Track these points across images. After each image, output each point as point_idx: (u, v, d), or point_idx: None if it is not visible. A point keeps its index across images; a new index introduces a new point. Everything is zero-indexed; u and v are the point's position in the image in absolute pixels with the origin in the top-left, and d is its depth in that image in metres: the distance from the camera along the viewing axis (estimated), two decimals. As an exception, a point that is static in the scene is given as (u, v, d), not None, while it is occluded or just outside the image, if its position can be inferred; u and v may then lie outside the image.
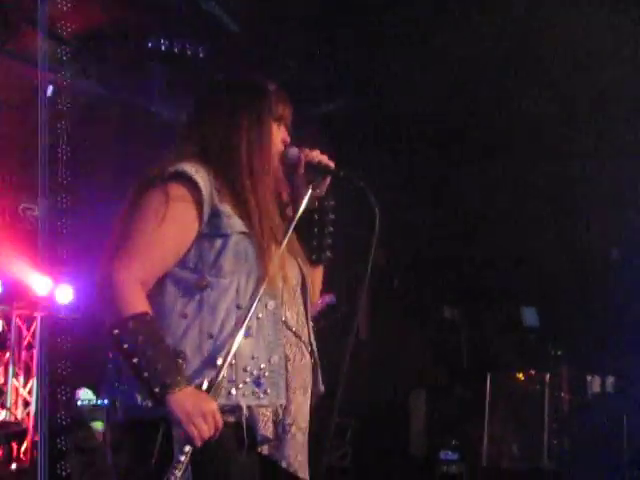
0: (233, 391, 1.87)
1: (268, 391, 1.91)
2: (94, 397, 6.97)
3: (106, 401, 2.87)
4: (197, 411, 1.77)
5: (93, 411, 6.81)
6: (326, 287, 2.29)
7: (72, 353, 7.10)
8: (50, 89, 6.56)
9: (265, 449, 1.93)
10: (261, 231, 1.96)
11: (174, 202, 1.92)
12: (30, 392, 7.35)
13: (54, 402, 6.92)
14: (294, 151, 2.09)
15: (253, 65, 6.33)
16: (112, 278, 1.86)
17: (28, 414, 7.25)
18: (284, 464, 1.94)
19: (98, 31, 6.64)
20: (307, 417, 2.04)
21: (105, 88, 6.99)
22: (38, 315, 7.38)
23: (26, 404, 7.34)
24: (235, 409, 1.87)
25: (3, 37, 6.58)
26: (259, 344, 1.93)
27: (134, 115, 7.29)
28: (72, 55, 6.66)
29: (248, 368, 1.90)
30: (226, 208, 1.96)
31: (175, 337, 1.88)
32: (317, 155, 2.09)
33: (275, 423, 1.94)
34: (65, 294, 7.29)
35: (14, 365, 7.30)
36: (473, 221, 7.97)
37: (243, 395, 1.88)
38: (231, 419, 1.87)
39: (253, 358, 1.91)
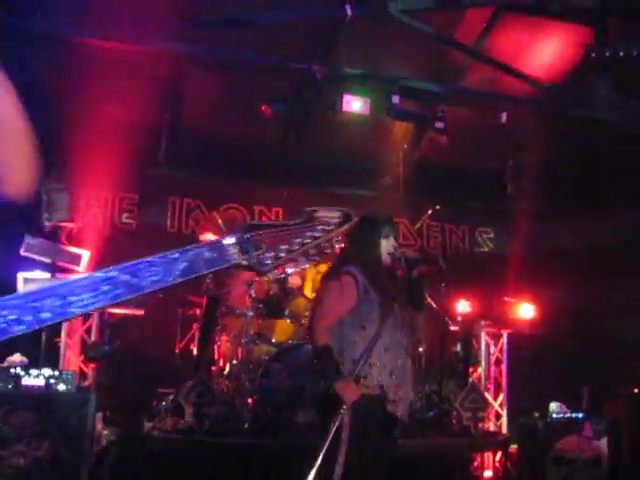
0: (378, 379, 3.71)
1: (394, 378, 3.77)
2: (568, 410, 7.18)
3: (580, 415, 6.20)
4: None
5: (568, 424, 6.95)
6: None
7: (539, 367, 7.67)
8: (504, 116, 7.50)
9: (390, 407, 3.73)
10: (389, 299, 3.82)
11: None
12: (501, 405, 7.98)
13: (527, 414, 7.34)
14: (397, 252, 3.96)
15: None
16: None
17: (500, 426, 7.87)
18: (399, 415, 3.79)
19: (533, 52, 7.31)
20: (409, 394, 3.96)
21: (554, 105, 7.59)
22: (504, 332, 8.07)
23: (498, 416, 7.95)
24: (377, 387, 3.71)
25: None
26: (392, 355, 3.79)
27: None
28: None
29: (387, 366, 3.76)
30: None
31: (352, 352, 3.73)
32: (410, 252, 4.15)
33: (394, 394, 3.76)
34: (527, 311, 7.90)
35: (485, 380, 7.96)
36: None
37: (383, 379, 3.73)
38: (374, 391, 3.70)
39: (390, 362, 3.78)
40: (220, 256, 1.71)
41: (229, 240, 1.72)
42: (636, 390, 6.90)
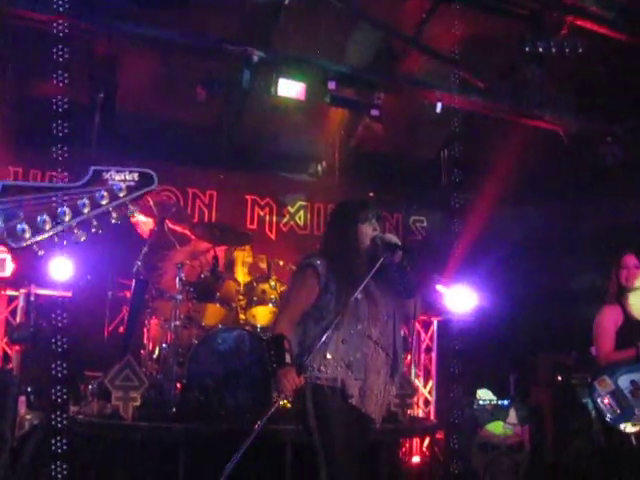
0: (333, 371, 3.61)
1: (354, 371, 3.64)
2: (494, 397, 7.25)
3: (506, 402, 6.31)
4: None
5: (494, 411, 7.05)
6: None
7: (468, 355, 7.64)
8: (439, 106, 7.40)
9: (353, 401, 3.63)
10: (347, 290, 3.61)
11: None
12: (430, 392, 8.03)
13: (454, 402, 7.42)
14: (378, 237, 3.72)
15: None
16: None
17: (429, 412, 7.91)
18: (364, 410, 3.66)
19: (470, 45, 7.19)
20: (380, 387, 3.71)
21: (488, 98, 7.66)
22: (435, 320, 8.12)
23: (427, 403, 7.99)
24: (335, 380, 3.60)
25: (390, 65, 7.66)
26: (350, 347, 3.65)
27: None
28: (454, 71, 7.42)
29: (344, 359, 3.64)
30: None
31: (311, 341, 3.62)
32: (391, 237, 3.74)
33: (359, 388, 3.64)
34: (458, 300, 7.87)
35: (415, 367, 8.04)
36: None
37: (339, 372, 3.62)
38: (334, 384, 3.60)
39: (347, 354, 3.64)
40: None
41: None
42: (560, 378, 7.10)
